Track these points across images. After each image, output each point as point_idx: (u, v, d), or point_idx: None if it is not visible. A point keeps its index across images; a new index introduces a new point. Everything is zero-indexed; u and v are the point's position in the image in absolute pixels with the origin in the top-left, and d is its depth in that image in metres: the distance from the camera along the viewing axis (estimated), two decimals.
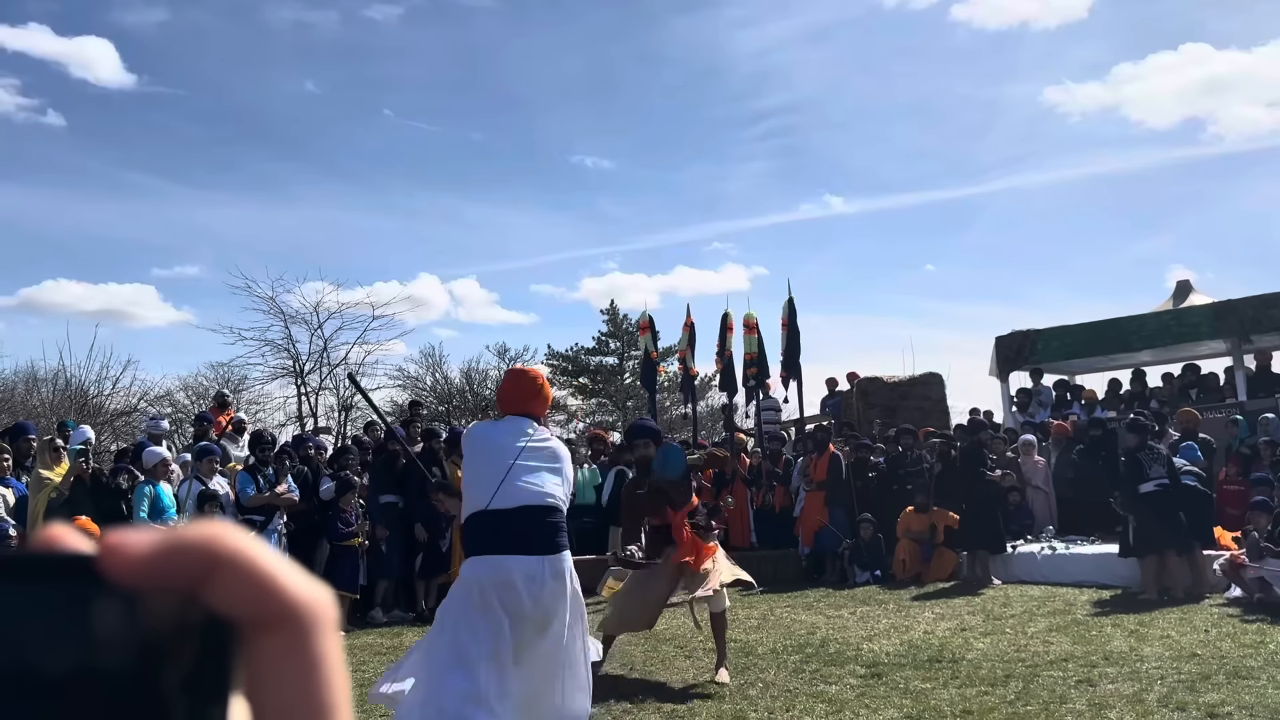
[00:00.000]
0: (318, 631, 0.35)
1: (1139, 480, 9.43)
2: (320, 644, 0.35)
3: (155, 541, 0.34)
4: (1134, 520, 9.37)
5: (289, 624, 0.34)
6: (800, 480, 12.09)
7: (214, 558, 0.33)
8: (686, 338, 14.21)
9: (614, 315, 36.02)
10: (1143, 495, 9.35)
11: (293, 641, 0.34)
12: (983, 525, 10.65)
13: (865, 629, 8.04)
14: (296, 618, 0.34)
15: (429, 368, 32.06)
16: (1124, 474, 9.62)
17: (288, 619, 0.34)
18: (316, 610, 0.35)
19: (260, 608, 0.34)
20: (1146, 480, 9.38)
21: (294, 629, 0.34)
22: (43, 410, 23.00)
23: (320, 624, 0.35)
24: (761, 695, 5.96)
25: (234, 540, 0.34)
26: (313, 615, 0.35)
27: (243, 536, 0.34)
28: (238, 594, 0.33)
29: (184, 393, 27.68)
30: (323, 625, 0.35)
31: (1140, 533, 9.31)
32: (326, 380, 27.22)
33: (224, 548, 0.34)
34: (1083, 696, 5.54)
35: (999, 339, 16.46)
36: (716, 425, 25.51)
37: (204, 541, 0.34)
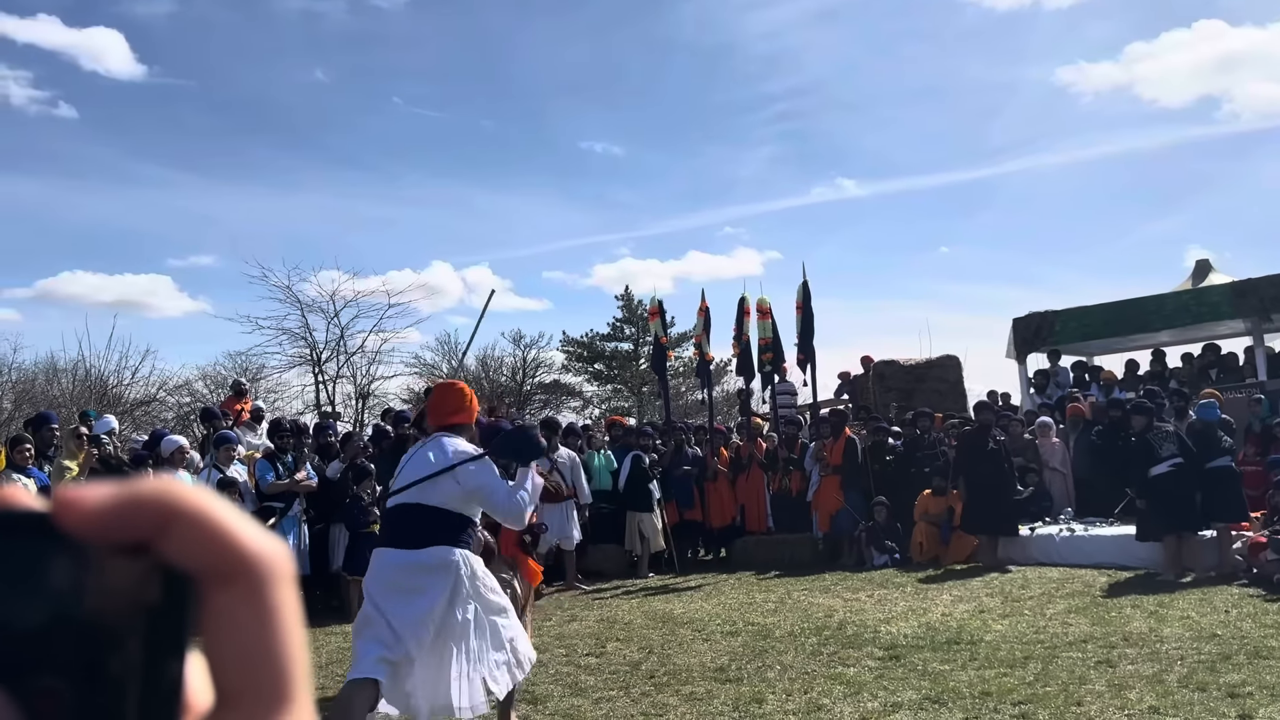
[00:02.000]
0: (274, 583, 0.35)
1: (1150, 462, 9.34)
2: (276, 595, 0.35)
3: (110, 495, 0.34)
4: (1145, 504, 9.31)
5: (245, 575, 0.34)
6: (814, 464, 12.08)
7: (169, 511, 0.34)
8: (702, 323, 14.18)
9: (628, 301, 36.01)
10: (1155, 478, 9.27)
11: (249, 593, 0.34)
12: (993, 508, 10.52)
13: (883, 611, 8.04)
14: (252, 569, 0.34)
15: (445, 355, 32.15)
16: (1133, 456, 9.51)
17: (244, 571, 0.34)
18: (272, 562, 0.35)
19: (216, 560, 0.34)
20: (1159, 461, 9.29)
21: (250, 580, 0.34)
22: (63, 400, 23.20)
23: (276, 576, 0.35)
24: (780, 677, 5.97)
25: (189, 493, 0.34)
26: (268, 567, 0.35)
27: (197, 490, 0.35)
28: (194, 546, 0.34)
29: (202, 382, 27.84)
30: (278, 577, 0.35)
31: (1153, 516, 9.24)
32: (344, 368, 27.33)
33: (179, 501, 0.34)
34: (1102, 677, 5.52)
35: (1016, 320, 16.37)
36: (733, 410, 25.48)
37: (159, 495, 0.34)
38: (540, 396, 33.96)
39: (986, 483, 10.57)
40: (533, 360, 33.91)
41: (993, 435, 11.00)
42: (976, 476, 10.66)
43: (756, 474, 12.63)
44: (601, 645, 7.32)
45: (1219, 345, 15.19)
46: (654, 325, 14.85)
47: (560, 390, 34.92)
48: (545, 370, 34.56)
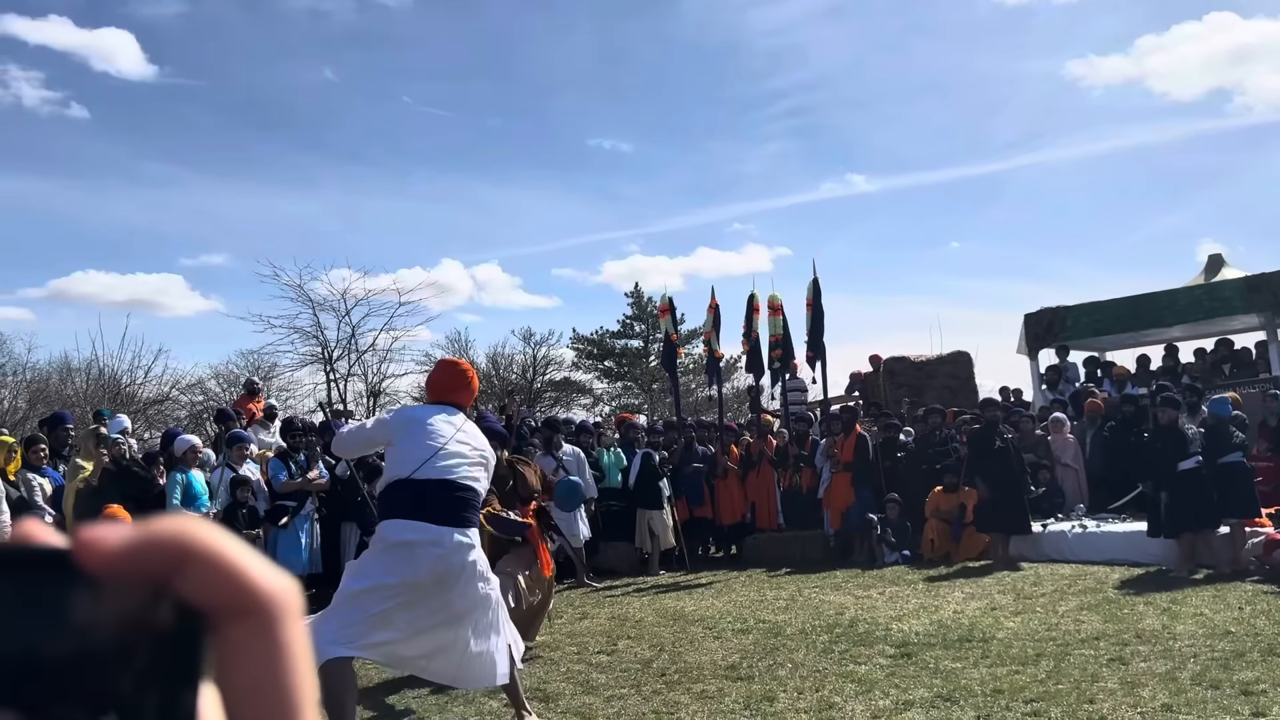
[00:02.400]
0: (284, 620, 0.36)
1: (1180, 456, 9.23)
2: (286, 631, 0.36)
3: (128, 535, 0.35)
4: (1167, 498, 9.22)
5: (256, 613, 0.36)
6: (824, 461, 12.07)
7: (185, 550, 0.35)
8: (711, 320, 14.18)
9: (638, 298, 36.02)
10: (1182, 472, 9.19)
11: (260, 629, 0.36)
12: (1005, 506, 10.40)
13: (894, 609, 8.03)
14: (264, 607, 0.36)
15: (455, 353, 32.19)
16: (1162, 449, 9.40)
17: (255, 608, 0.36)
18: (282, 600, 0.36)
19: (229, 597, 0.35)
20: (1187, 456, 9.21)
21: (261, 617, 0.36)
22: (77, 400, 23.32)
23: (286, 613, 0.36)
24: (791, 675, 5.97)
25: (204, 533, 0.36)
26: (279, 604, 0.36)
27: (212, 529, 0.36)
28: (208, 584, 0.35)
29: (215, 381, 27.95)
30: (288, 614, 0.37)
31: (1176, 511, 9.15)
32: (355, 367, 27.41)
33: (194, 540, 0.35)
34: (1115, 675, 5.51)
35: (1028, 316, 16.31)
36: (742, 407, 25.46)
37: (175, 534, 0.35)
38: (550, 394, 33.99)
39: (997, 480, 10.48)
40: (543, 358, 33.97)
41: (1000, 432, 10.89)
42: (986, 474, 10.57)
43: (767, 471, 12.62)
44: (613, 643, 7.34)
45: (1232, 340, 15.11)
46: (664, 322, 14.85)
47: (570, 387, 34.96)
48: (555, 368, 34.62)
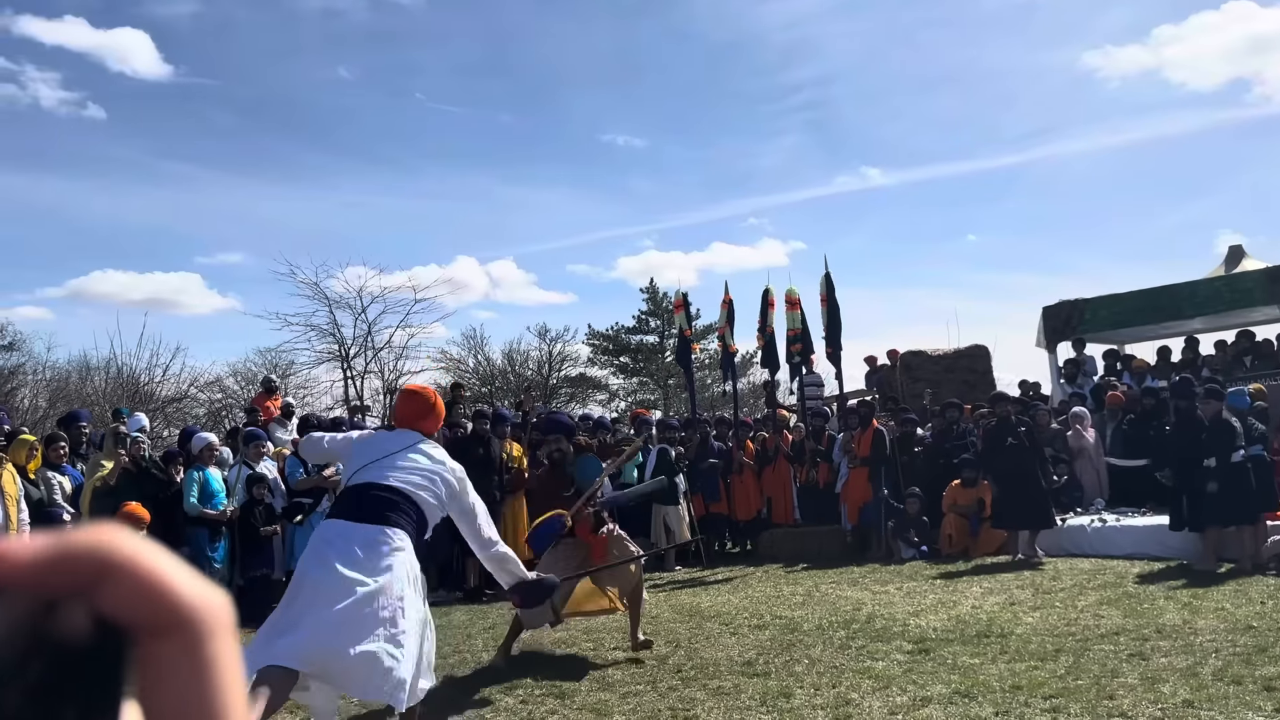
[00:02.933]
0: (211, 636, 0.34)
1: (1228, 449, 8.99)
2: (213, 649, 0.34)
3: (42, 546, 0.33)
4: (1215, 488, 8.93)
5: (182, 628, 0.34)
6: (842, 455, 12.03)
7: (104, 562, 0.33)
8: (725, 315, 14.13)
9: (653, 294, 35.99)
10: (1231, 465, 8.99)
11: (186, 646, 0.34)
12: (1024, 501, 10.23)
13: (912, 604, 7.99)
14: (189, 622, 0.34)
15: (471, 349, 32.28)
16: (1207, 441, 9.10)
17: (180, 624, 0.34)
18: (210, 615, 0.34)
19: (152, 613, 0.33)
20: (1235, 449, 9.04)
21: (187, 633, 0.34)
22: (96, 398, 23.51)
23: (214, 629, 0.34)
24: (807, 671, 5.94)
25: (125, 544, 0.34)
26: (206, 620, 0.34)
27: (135, 540, 0.34)
28: (129, 599, 0.33)
29: (233, 378, 28.13)
30: (216, 630, 0.34)
31: (1217, 503, 8.99)
32: (371, 364, 27.49)
33: (114, 552, 0.33)
34: (1135, 670, 5.46)
35: (1046, 309, 16.20)
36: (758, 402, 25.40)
37: (94, 546, 0.33)
38: (566, 390, 34.02)
39: (1014, 475, 10.32)
40: (558, 354, 33.99)
41: (1014, 426, 10.69)
42: (1003, 469, 10.44)
43: (782, 466, 12.59)
44: (629, 639, 7.32)
45: (1253, 332, 14.94)
46: (679, 318, 14.83)
47: (586, 383, 34.96)
48: (571, 363, 34.64)
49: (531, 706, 5.62)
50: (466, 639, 7.82)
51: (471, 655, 7.13)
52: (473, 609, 9.49)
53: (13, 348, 25.56)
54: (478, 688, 6.13)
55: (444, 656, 7.14)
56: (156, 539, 0.35)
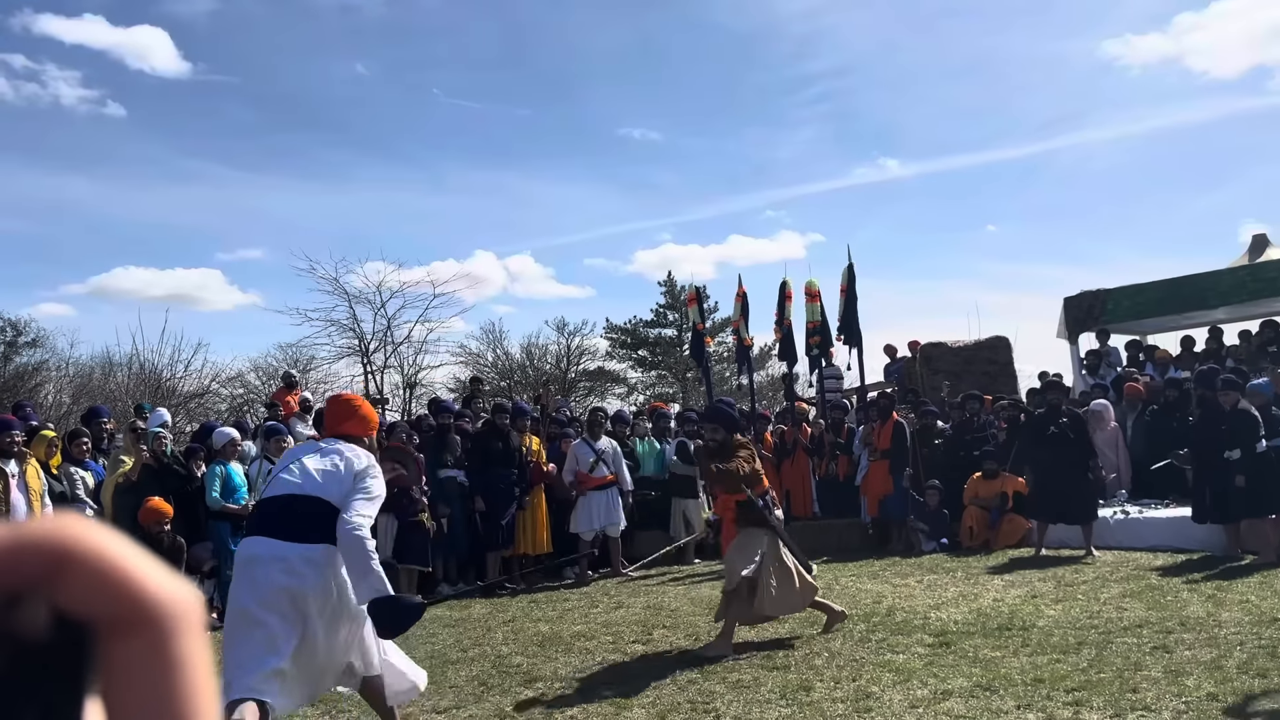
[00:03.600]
0: (178, 633, 0.32)
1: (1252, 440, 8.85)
2: (181, 646, 0.32)
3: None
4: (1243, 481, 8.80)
5: (148, 625, 0.32)
6: (863, 448, 11.98)
7: (62, 555, 0.31)
8: (739, 308, 14.08)
9: (671, 287, 35.94)
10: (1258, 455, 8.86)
11: (151, 644, 0.32)
12: (1067, 493, 9.88)
13: (933, 597, 7.95)
14: (155, 619, 0.32)
15: (490, 344, 32.34)
16: (1230, 433, 8.98)
17: (146, 620, 0.32)
18: (177, 611, 0.32)
19: (115, 608, 0.31)
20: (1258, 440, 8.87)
21: (153, 631, 0.32)
22: (119, 394, 23.69)
23: (181, 625, 0.32)
24: (828, 665, 5.92)
25: (86, 536, 0.31)
26: (173, 616, 0.32)
27: (97, 531, 0.32)
28: (90, 594, 0.31)
29: (254, 374, 28.26)
30: (184, 627, 0.33)
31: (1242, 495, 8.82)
32: (391, 359, 27.60)
33: (74, 544, 0.31)
34: (1158, 664, 5.41)
35: (1068, 300, 16.07)
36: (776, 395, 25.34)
37: (50, 537, 0.31)
38: (585, 384, 34.04)
39: (1055, 466, 9.96)
40: (577, 347, 34.00)
41: (1060, 416, 10.33)
42: (1044, 460, 10.11)
43: (801, 459, 12.55)
44: (648, 632, 7.33)
45: (1278, 322, 14.78)
46: (692, 311, 14.78)
47: (604, 377, 34.97)
48: (589, 357, 34.64)
49: (551, 700, 5.63)
50: (486, 632, 7.84)
51: (491, 649, 7.15)
52: (493, 602, 9.52)
53: (36, 344, 25.82)
54: (497, 681, 6.14)
55: (464, 649, 7.17)
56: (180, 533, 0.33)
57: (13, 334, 25.33)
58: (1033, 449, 10.43)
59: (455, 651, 7.13)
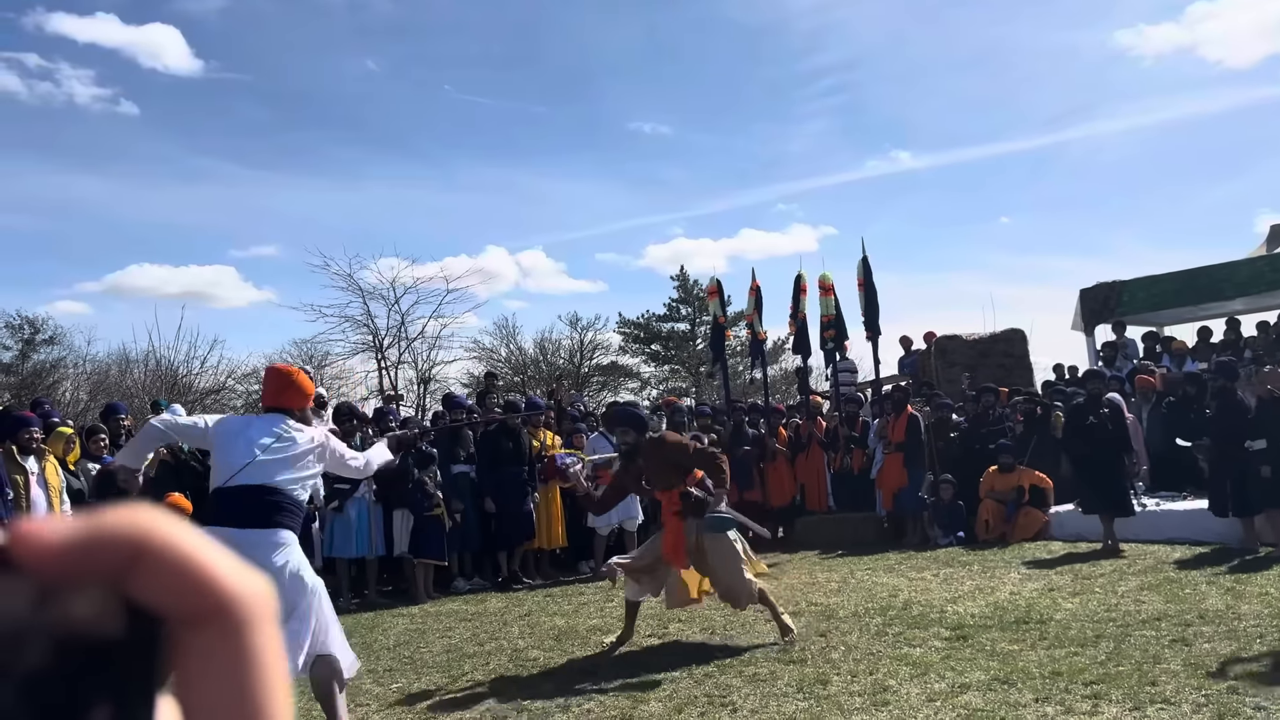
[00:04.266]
0: (251, 626, 0.32)
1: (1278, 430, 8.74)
2: (253, 639, 0.32)
3: (72, 530, 0.31)
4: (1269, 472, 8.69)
5: (220, 618, 0.32)
6: (878, 442, 11.95)
7: (137, 547, 0.31)
8: (753, 301, 14.07)
9: (684, 281, 35.90)
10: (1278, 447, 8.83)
11: (225, 636, 0.32)
12: (1104, 486, 9.75)
13: (949, 591, 7.93)
14: (228, 611, 0.32)
15: (503, 339, 32.39)
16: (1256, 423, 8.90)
17: (219, 613, 0.32)
18: (249, 603, 0.32)
19: (188, 601, 0.31)
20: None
21: (225, 623, 0.32)
22: (136, 391, 23.84)
23: (253, 618, 0.32)
24: (844, 658, 5.92)
25: (160, 528, 0.32)
26: (245, 609, 0.32)
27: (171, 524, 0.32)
28: (164, 586, 0.31)
29: None
30: (256, 619, 0.32)
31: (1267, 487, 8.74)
32: (405, 354, 27.68)
33: (148, 536, 0.31)
34: (1177, 656, 5.38)
35: (1083, 291, 16.01)
36: (790, 389, 25.30)
37: (126, 530, 0.31)
38: (598, 378, 34.06)
39: (1092, 458, 9.81)
40: (590, 342, 34.02)
41: (1100, 407, 10.11)
42: (1081, 451, 9.97)
43: (816, 453, 12.53)
44: (664, 626, 7.33)
45: None
46: (712, 305, 14.77)
47: (618, 372, 34.98)
48: (603, 352, 34.65)
49: (568, 693, 5.64)
50: (502, 626, 7.87)
51: (508, 642, 7.17)
52: (508, 596, 9.54)
53: (53, 341, 26.00)
54: (514, 675, 6.16)
55: (480, 643, 7.19)
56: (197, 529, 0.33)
57: (30, 331, 25.52)
58: (1071, 440, 10.22)
59: (472, 645, 7.16)
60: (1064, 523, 10.65)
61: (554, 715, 5.27)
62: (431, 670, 6.43)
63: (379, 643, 7.51)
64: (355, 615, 8.94)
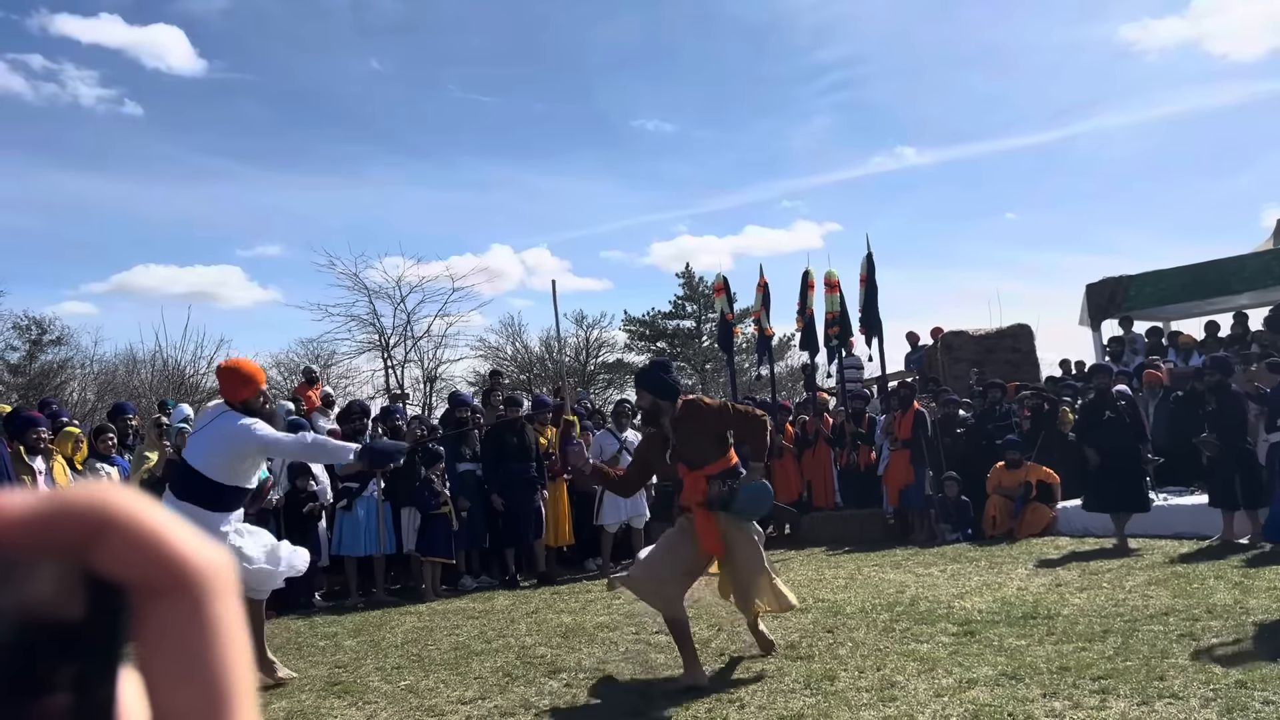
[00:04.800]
0: (214, 596, 0.33)
1: None
2: (216, 609, 0.33)
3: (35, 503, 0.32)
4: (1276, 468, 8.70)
5: (183, 589, 0.32)
6: (884, 438, 11.94)
7: (101, 520, 0.32)
8: (760, 298, 14.06)
9: (689, 278, 35.90)
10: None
11: (187, 607, 0.32)
12: (1120, 481, 9.59)
13: (956, 587, 7.93)
14: (191, 582, 0.32)
15: (509, 337, 32.41)
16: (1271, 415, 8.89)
17: (181, 584, 0.32)
18: (212, 574, 0.33)
19: (151, 572, 0.32)
20: None
21: (188, 594, 0.32)
22: (143, 391, 23.90)
23: (216, 588, 0.33)
24: (851, 654, 5.92)
25: (123, 501, 0.32)
26: (208, 579, 0.33)
27: (133, 497, 0.32)
28: (127, 557, 0.32)
29: (276, 369, 28.42)
30: (219, 590, 0.33)
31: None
32: (411, 353, 27.71)
33: (111, 509, 0.32)
34: (1185, 651, 5.38)
35: (1090, 286, 15.96)
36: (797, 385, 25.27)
37: (89, 503, 0.32)
38: (604, 376, 34.07)
39: (1109, 453, 9.64)
40: (595, 340, 34.03)
41: (1115, 400, 9.98)
42: (1098, 446, 9.80)
43: (823, 449, 12.52)
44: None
45: None
46: (719, 301, 14.75)
47: (624, 369, 34.99)
48: (608, 350, 34.68)
49: (575, 690, 5.65)
50: (510, 624, 7.88)
51: (515, 640, 7.18)
52: (516, 595, 9.55)
53: (61, 342, 26.08)
54: (521, 672, 6.17)
55: (488, 641, 7.20)
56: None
57: (38, 332, 25.60)
58: (1087, 434, 10.10)
59: (479, 643, 7.17)
60: (1071, 518, 10.63)
61: (562, 712, 5.28)
62: (439, 668, 6.44)
63: (387, 640, 7.53)
64: (363, 613, 8.96)
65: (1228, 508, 9.18)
